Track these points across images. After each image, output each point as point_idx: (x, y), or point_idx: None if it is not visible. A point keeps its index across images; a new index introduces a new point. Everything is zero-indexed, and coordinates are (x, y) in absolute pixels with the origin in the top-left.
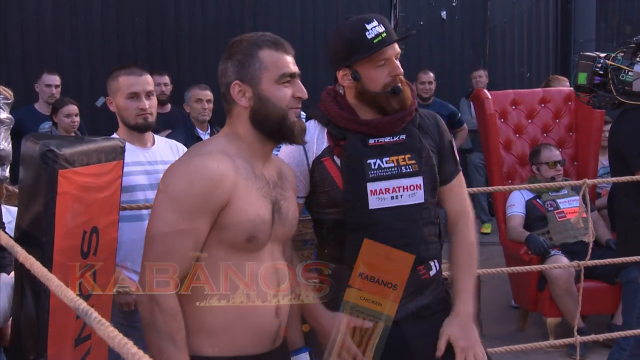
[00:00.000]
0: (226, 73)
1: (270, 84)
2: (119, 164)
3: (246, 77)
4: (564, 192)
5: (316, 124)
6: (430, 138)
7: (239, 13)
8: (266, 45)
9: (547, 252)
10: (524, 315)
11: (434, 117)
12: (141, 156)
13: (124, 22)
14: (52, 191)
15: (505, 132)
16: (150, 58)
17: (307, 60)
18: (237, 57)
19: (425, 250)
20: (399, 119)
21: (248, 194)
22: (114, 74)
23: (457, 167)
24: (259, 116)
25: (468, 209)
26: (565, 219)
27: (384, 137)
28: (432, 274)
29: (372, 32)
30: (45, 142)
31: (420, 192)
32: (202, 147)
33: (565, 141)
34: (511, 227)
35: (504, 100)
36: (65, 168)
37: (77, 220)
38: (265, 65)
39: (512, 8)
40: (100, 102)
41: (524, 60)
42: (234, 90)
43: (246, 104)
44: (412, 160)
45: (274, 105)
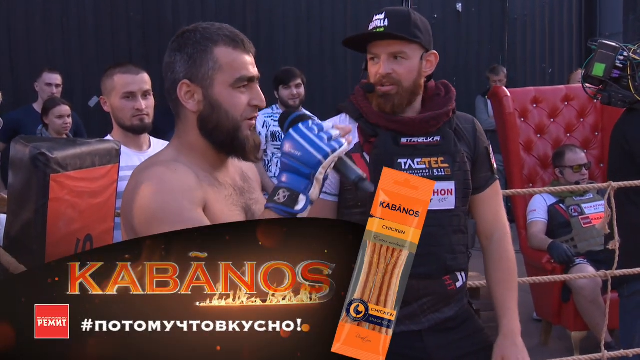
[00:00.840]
0: (173, 67)
1: (224, 88)
2: (114, 167)
3: (196, 77)
4: (589, 197)
5: (347, 118)
6: (465, 144)
7: (241, 8)
8: (223, 42)
9: (572, 261)
10: (547, 328)
11: (471, 121)
12: (136, 160)
13: (118, 17)
14: (43, 197)
15: (526, 132)
16: (146, 55)
17: (314, 58)
18: (188, 50)
19: (452, 259)
20: (434, 118)
21: (217, 201)
22: (108, 72)
23: (493, 175)
24: (209, 124)
25: (504, 220)
26: (590, 225)
27: (417, 137)
28: (458, 285)
29: (373, 24)
30: (36, 145)
31: (451, 197)
32: (149, 161)
33: (591, 142)
34: (532, 234)
35: (524, 98)
36: (57, 172)
37: (69, 228)
38: (220, 65)
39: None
40: (93, 102)
41: (546, 56)
42: (181, 90)
43: (194, 108)
44: (445, 164)
45: (227, 113)
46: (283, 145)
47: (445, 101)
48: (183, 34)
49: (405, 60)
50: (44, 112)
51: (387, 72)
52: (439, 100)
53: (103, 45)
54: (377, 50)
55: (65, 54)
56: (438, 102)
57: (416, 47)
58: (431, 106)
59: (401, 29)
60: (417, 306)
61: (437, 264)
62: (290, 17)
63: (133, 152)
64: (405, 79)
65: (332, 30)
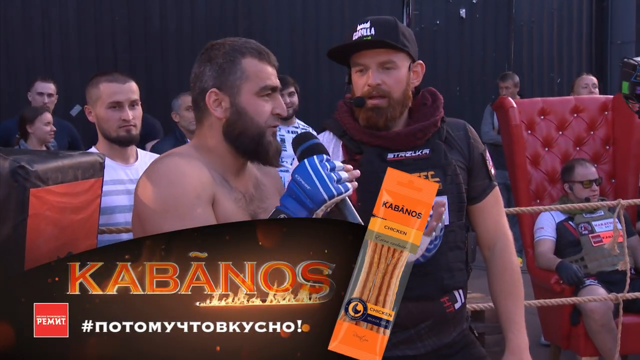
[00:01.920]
0: (202, 78)
1: (250, 96)
2: (97, 181)
3: (225, 86)
4: (600, 214)
5: (331, 135)
6: (458, 152)
7: (232, 12)
8: (250, 53)
9: (581, 282)
10: (556, 353)
11: (463, 127)
12: (122, 174)
13: (102, 21)
14: (22, 212)
15: (533, 145)
16: (132, 61)
17: (309, 65)
18: (218, 61)
19: (449, 277)
20: (420, 130)
21: (226, 201)
22: (94, 80)
23: (491, 183)
24: (234, 130)
25: (506, 229)
26: (601, 244)
27: (404, 152)
28: (457, 306)
29: (358, 33)
30: (16, 158)
31: (444, 213)
32: (166, 152)
33: (601, 156)
34: (540, 252)
35: (531, 109)
36: (38, 186)
37: (50, 245)
38: (247, 74)
39: (540, 5)
40: (75, 111)
41: (554, 64)
42: (210, 98)
43: (221, 115)
44: (436, 178)
45: (252, 120)
46: (295, 172)
47: (432, 110)
48: (211, 47)
49: (394, 70)
50: (24, 122)
51: (376, 82)
52: (426, 110)
53: (86, 51)
54: (365, 61)
55: (46, 59)
56: (425, 113)
57: (404, 57)
58: (418, 117)
59: (389, 37)
60: (414, 331)
61: (434, 284)
62: (285, 21)
63: (119, 165)
64: (395, 89)
65: (328, 35)
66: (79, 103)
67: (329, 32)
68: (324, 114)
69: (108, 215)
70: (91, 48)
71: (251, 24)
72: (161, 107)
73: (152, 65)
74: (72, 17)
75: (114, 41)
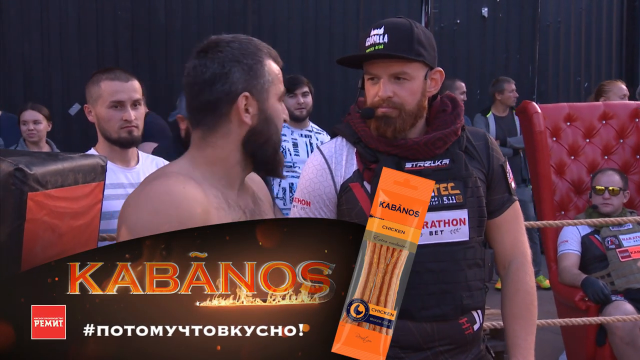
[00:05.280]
0: (230, 79)
1: (275, 101)
2: (99, 185)
3: (255, 89)
4: (628, 227)
5: (344, 142)
6: (478, 163)
7: (241, 8)
8: (268, 54)
9: (608, 300)
10: None
11: (483, 136)
12: (123, 177)
13: (104, 16)
14: (19, 218)
15: (558, 153)
16: (135, 59)
17: (322, 65)
18: (248, 61)
19: (469, 297)
20: (440, 139)
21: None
22: (94, 78)
23: (510, 197)
24: (260, 138)
25: (524, 246)
26: (630, 259)
27: (423, 161)
28: (475, 328)
29: (371, 39)
30: (14, 160)
31: (464, 227)
32: (160, 170)
33: (631, 165)
34: (564, 267)
35: (556, 115)
36: (36, 190)
37: (47, 253)
38: (272, 77)
39: (567, 4)
40: (74, 110)
41: (581, 67)
42: (241, 103)
43: (249, 122)
44: (456, 190)
45: (276, 127)
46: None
47: (452, 118)
48: (239, 43)
49: (407, 81)
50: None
51: (387, 95)
52: (446, 117)
53: (86, 47)
54: (376, 71)
55: (45, 56)
56: (444, 120)
57: (419, 66)
58: (437, 124)
59: (402, 46)
60: (430, 353)
61: (453, 303)
62: (296, 18)
63: (119, 168)
64: (408, 102)
65: (343, 33)
66: (78, 101)
67: (343, 30)
68: (336, 116)
69: (107, 220)
70: (92, 44)
71: (260, 21)
72: (165, 107)
73: (156, 63)
74: (72, 11)
75: (116, 37)
